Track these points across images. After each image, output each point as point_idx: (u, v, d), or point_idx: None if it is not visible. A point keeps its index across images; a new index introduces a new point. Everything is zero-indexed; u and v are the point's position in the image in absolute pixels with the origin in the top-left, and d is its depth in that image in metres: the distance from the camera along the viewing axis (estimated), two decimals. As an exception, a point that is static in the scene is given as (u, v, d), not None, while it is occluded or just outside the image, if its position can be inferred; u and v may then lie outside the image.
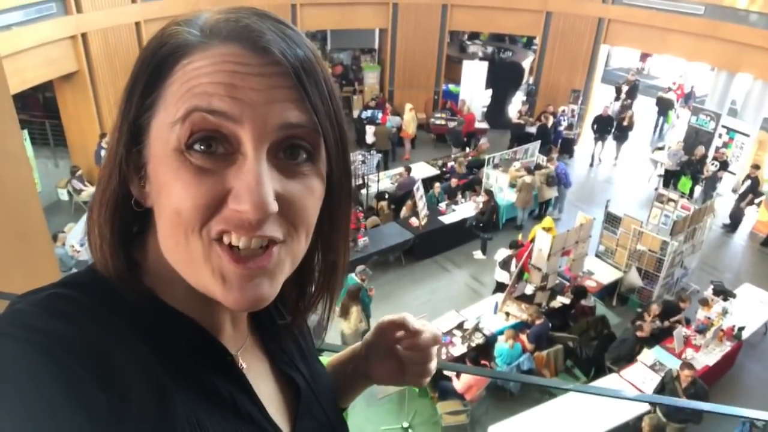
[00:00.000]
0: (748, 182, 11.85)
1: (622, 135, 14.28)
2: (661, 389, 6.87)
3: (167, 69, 0.59)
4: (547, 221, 9.93)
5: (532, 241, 9.23)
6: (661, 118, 16.75)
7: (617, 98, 16.78)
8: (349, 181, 0.70)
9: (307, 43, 0.64)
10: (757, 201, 12.47)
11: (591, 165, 14.65)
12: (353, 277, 8.17)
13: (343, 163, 0.67)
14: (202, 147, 0.57)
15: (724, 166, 12.57)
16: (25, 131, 10.13)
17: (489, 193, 10.99)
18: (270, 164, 0.59)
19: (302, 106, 0.60)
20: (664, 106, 16.70)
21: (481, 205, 10.97)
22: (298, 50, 0.61)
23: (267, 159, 0.58)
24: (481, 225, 10.81)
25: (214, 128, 0.57)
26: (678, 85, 17.64)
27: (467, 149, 14.17)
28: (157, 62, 0.60)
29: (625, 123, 14.17)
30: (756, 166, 12.16)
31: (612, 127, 14.24)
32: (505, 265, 9.20)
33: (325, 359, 1.04)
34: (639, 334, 7.89)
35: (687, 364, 6.94)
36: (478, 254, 10.93)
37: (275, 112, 0.58)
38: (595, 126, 14.37)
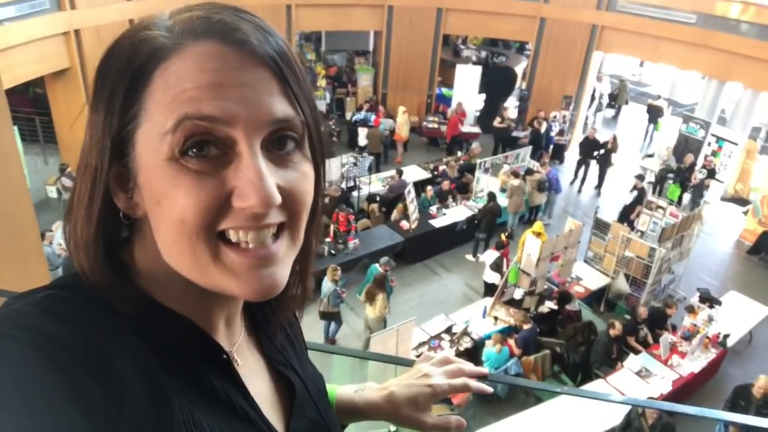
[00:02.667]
0: (635, 193, 11.55)
1: (605, 158, 13.54)
2: (626, 426, 6.75)
3: (146, 77, 0.58)
4: (538, 225, 9.98)
5: (510, 237, 9.43)
6: (651, 126, 16.85)
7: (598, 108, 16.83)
8: (323, 162, 0.71)
9: (277, 32, 0.64)
10: (744, 210, 12.61)
11: (572, 184, 14.17)
12: (376, 267, 8.46)
13: (320, 148, 0.69)
14: (194, 151, 0.57)
15: (711, 174, 12.66)
16: (15, 127, 10.05)
17: (491, 195, 11.06)
18: (264, 157, 0.59)
19: (286, 98, 0.61)
20: (654, 114, 16.81)
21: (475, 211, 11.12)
22: (271, 39, 0.62)
23: (261, 153, 0.59)
24: (476, 222, 10.93)
25: (207, 132, 0.57)
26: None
27: (459, 153, 14.21)
28: (134, 72, 0.58)
29: (609, 146, 13.39)
30: (641, 177, 12.04)
31: (598, 152, 13.68)
32: (497, 267, 9.23)
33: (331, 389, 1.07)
34: (612, 332, 7.99)
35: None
36: (469, 257, 11.03)
37: (264, 108, 0.58)
38: (580, 149, 13.97)
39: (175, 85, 0.57)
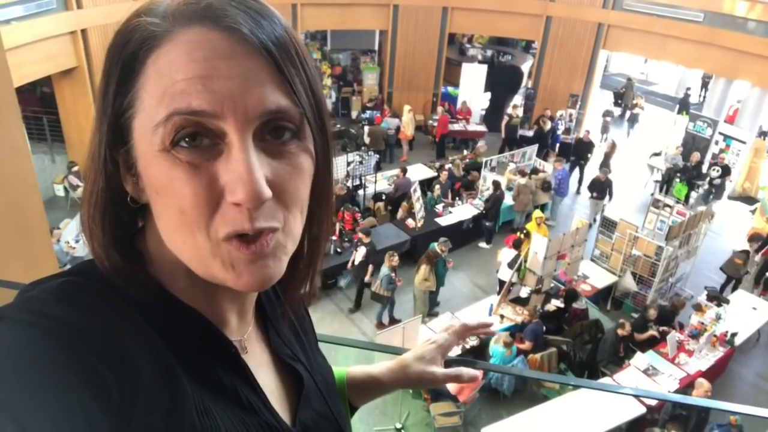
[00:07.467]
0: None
1: (600, 193, 12.06)
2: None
3: (138, 65, 0.58)
4: (537, 212, 10.13)
5: (524, 233, 9.54)
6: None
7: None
8: (329, 153, 0.69)
9: (274, 14, 0.62)
10: (751, 208, 12.55)
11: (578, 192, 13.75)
12: (435, 245, 8.94)
13: (323, 136, 0.66)
14: (186, 141, 0.57)
15: (726, 171, 12.61)
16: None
17: (496, 184, 11.12)
18: (257, 148, 0.58)
19: (280, 86, 0.59)
20: (684, 106, 17.33)
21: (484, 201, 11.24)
22: (266, 24, 0.59)
23: (254, 143, 0.58)
24: (484, 213, 11.01)
25: (198, 124, 0.56)
26: (735, 110, 15.13)
27: (465, 152, 14.18)
28: (125, 60, 0.59)
29: (602, 180, 11.97)
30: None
31: (591, 153, 13.39)
32: (513, 265, 9.20)
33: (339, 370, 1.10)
34: (620, 332, 7.99)
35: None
36: (483, 244, 11.23)
37: (254, 99, 0.57)
38: (574, 150, 13.69)
39: (165, 76, 0.56)
